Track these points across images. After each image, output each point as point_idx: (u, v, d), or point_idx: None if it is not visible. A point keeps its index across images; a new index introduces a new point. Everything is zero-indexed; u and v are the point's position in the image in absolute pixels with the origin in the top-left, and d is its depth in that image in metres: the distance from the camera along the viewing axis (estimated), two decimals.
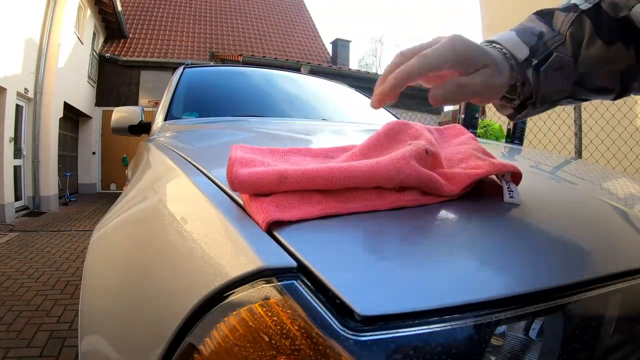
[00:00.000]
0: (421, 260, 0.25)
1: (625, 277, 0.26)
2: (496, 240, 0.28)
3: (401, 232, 0.28)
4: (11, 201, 5.02)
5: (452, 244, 0.27)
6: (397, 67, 0.34)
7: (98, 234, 0.55)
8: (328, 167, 0.29)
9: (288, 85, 1.52)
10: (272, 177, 0.28)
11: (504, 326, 0.21)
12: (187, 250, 0.30)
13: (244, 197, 0.30)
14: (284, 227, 0.26)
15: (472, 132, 1.49)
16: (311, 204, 0.28)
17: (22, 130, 5.58)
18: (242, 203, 0.30)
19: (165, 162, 0.55)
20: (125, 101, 8.42)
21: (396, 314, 0.19)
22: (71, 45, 6.66)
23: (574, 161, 0.85)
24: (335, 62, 11.00)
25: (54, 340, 1.88)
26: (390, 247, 0.25)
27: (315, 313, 0.20)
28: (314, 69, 6.77)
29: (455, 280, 0.22)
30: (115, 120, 1.36)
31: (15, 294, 2.45)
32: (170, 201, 0.42)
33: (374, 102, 0.34)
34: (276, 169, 0.29)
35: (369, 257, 0.24)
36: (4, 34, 4.63)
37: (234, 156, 0.32)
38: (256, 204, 0.28)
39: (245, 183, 0.28)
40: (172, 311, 0.26)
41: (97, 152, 8.84)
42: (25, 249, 3.55)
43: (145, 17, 11.14)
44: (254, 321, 0.21)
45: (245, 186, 0.28)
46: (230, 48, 10.56)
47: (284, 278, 0.22)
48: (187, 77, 1.38)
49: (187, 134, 0.88)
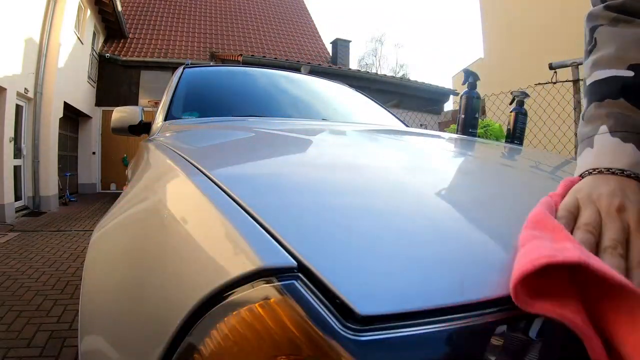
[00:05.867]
0: (421, 260, 0.24)
1: None
2: (496, 240, 0.28)
3: (401, 233, 0.28)
4: (11, 201, 5.02)
5: (452, 244, 0.26)
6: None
7: (98, 234, 0.55)
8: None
9: (288, 86, 1.52)
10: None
11: (504, 326, 0.21)
12: (187, 250, 0.30)
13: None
14: (284, 227, 0.26)
15: (472, 132, 1.50)
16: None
17: (22, 130, 5.58)
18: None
19: (165, 162, 0.55)
20: (125, 101, 8.40)
21: (396, 313, 0.19)
22: (71, 45, 6.65)
23: (573, 161, 0.85)
24: (335, 62, 11.00)
25: (54, 340, 1.88)
26: (390, 247, 0.25)
27: (315, 313, 0.20)
28: (314, 69, 6.77)
29: (456, 280, 0.22)
30: (115, 120, 1.36)
31: (15, 294, 2.45)
32: (170, 201, 0.42)
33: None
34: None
35: (369, 257, 0.24)
36: (4, 34, 4.63)
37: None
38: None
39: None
40: (172, 311, 0.26)
41: (97, 152, 8.84)
42: (25, 249, 3.55)
43: (145, 17, 11.13)
44: (254, 321, 0.21)
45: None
46: (230, 48, 10.55)
47: (284, 278, 0.22)
48: (187, 77, 1.38)
49: (187, 134, 0.88)
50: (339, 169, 0.44)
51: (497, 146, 0.90)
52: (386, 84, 7.96)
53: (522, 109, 1.59)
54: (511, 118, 1.60)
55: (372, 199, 0.33)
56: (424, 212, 0.31)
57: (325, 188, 0.36)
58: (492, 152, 0.71)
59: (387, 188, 0.37)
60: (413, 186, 0.37)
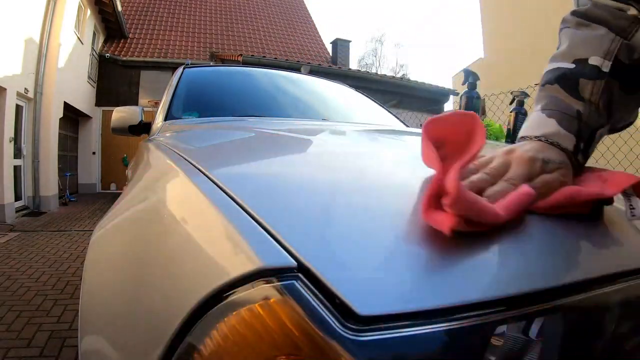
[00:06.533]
0: (421, 260, 0.25)
1: (625, 277, 0.26)
2: (496, 240, 0.28)
3: (401, 233, 0.28)
4: (11, 201, 5.02)
5: (452, 244, 0.26)
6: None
7: (98, 234, 0.55)
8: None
9: (288, 86, 1.52)
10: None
11: (504, 326, 0.21)
12: (187, 250, 0.30)
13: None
14: (284, 227, 0.26)
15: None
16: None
17: (22, 130, 5.58)
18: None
19: (165, 162, 0.55)
20: (125, 101, 8.39)
21: (396, 314, 0.19)
22: (71, 45, 6.65)
23: None
24: (335, 62, 11.00)
25: (54, 340, 1.88)
26: (390, 247, 0.25)
27: (315, 313, 0.20)
28: (314, 69, 6.77)
29: (456, 281, 0.22)
30: (115, 120, 1.36)
31: (15, 294, 2.45)
32: (170, 201, 0.42)
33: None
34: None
35: (369, 257, 0.24)
36: (4, 34, 4.63)
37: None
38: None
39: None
40: (172, 311, 0.26)
41: (97, 152, 8.84)
42: (25, 249, 3.55)
43: (145, 17, 11.13)
44: (254, 321, 0.21)
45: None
46: (230, 48, 10.55)
47: (283, 278, 0.22)
48: (187, 77, 1.38)
49: (187, 134, 0.88)
50: (339, 169, 0.44)
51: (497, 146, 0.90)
52: (386, 84, 7.94)
53: (522, 109, 1.59)
54: (511, 118, 1.60)
55: (372, 199, 0.33)
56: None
57: (325, 188, 0.36)
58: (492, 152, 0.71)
59: (387, 188, 0.37)
60: (413, 186, 0.37)
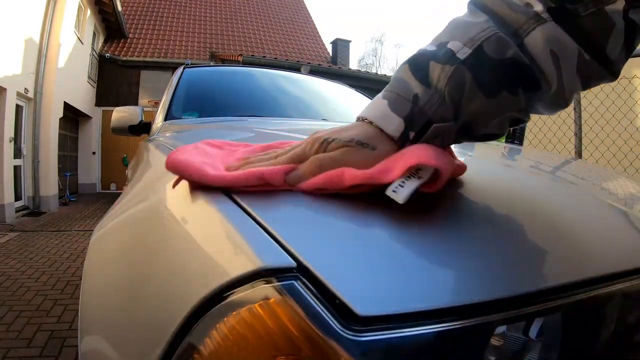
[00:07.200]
0: (421, 260, 0.24)
1: (625, 277, 0.26)
2: (496, 240, 0.28)
3: (401, 233, 0.28)
4: (11, 201, 5.02)
5: (452, 245, 0.26)
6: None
7: (98, 234, 0.55)
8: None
9: (288, 85, 1.52)
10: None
11: (504, 326, 0.21)
12: (187, 251, 0.30)
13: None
14: (284, 227, 0.26)
15: None
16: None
17: (22, 130, 5.58)
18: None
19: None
20: (125, 101, 8.41)
21: (396, 314, 0.19)
22: (71, 45, 6.66)
23: (574, 161, 0.86)
24: (335, 62, 11.00)
25: (54, 340, 1.88)
26: (390, 247, 0.25)
27: (315, 313, 0.20)
28: (314, 69, 6.77)
29: (456, 281, 0.22)
30: (115, 120, 1.36)
31: (15, 294, 2.45)
32: (170, 201, 0.42)
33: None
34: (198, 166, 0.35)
35: (369, 258, 0.24)
36: (4, 34, 4.63)
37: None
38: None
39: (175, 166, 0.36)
40: (171, 311, 0.26)
41: (97, 152, 8.85)
42: (25, 249, 3.55)
43: (145, 17, 11.14)
44: (254, 321, 0.21)
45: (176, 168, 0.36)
46: (230, 48, 10.56)
47: (283, 278, 0.22)
48: (187, 77, 1.38)
49: (187, 134, 0.88)
50: None
51: (497, 146, 0.90)
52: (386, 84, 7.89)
53: None
54: None
55: (372, 199, 0.33)
56: (424, 213, 0.31)
57: None
58: (492, 153, 0.71)
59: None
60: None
